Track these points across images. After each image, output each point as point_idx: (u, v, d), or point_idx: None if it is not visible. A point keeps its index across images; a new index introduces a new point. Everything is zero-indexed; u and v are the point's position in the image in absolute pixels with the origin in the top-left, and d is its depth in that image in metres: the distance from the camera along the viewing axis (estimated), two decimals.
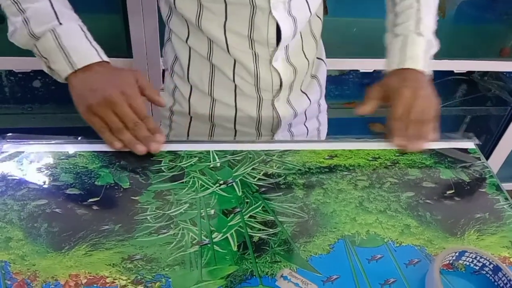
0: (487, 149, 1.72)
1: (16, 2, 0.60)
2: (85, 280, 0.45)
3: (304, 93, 0.77)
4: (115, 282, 0.45)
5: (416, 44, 0.70)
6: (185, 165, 0.59)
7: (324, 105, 0.86)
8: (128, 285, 0.45)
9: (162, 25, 1.16)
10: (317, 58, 0.80)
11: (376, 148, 0.65)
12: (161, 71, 1.25)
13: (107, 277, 0.46)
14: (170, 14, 0.70)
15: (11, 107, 1.46)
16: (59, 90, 1.45)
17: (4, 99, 1.45)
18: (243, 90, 0.71)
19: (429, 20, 0.71)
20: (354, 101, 1.60)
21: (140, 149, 0.59)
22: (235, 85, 0.71)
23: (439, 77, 1.60)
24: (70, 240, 0.49)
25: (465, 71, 1.52)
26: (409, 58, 0.69)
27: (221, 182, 0.58)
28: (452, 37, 1.50)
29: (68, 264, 0.46)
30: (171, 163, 0.60)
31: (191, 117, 0.76)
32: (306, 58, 0.73)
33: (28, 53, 1.22)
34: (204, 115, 0.74)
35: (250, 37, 0.65)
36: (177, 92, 0.75)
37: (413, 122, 0.64)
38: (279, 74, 0.70)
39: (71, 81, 0.60)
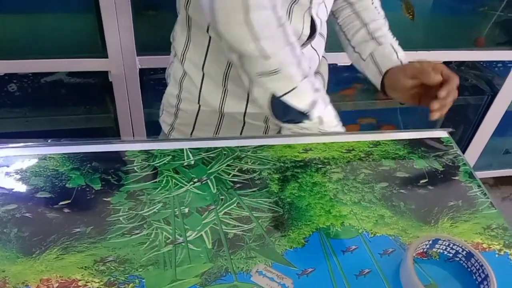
0: (465, 139, 1.74)
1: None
2: (57, 284, 0.44)
3: None
4: (87, 285, 0.45)
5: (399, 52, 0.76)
6: (158, 164, 0.59)
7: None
8: (101, 287, 0.45)
9: (137, 23, 1.15)
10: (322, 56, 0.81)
11: (351, 140, 0.65)
12: (138, 70, 1.23)
13: (79, 280, 0.45)
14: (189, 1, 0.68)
15: None
16: (36, 93, 1.42)
17: None
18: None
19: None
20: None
21: None
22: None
23: None
24: (41, 244, 0.48)
25: (441, 62, 1.54)
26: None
27: (195, 180, 0.57)
28: (429, 28, 1.51)
29: (39, 268, 0.46)
30: (143, 162, 0.59)
31: (199, 106, 0.75)
32: (318, 54, 0.75)
33: (2, 55, 1.20)
34: (214, 105, 0.73)
35: None
36: (186, 80, 0.74)
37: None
38: None
39: None
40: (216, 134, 0.77)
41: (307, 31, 0.68)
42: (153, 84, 1.47)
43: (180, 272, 0.47)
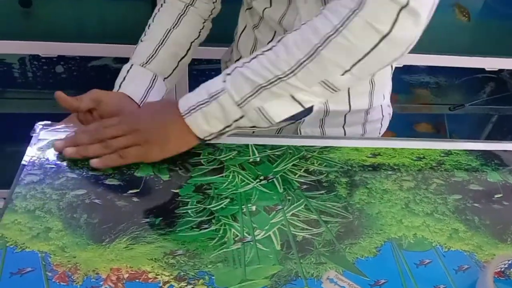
0: None
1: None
2: (127, 275, 0.44)
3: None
4: (157, 278, 0.44)
5: (212, 82, 0.54)
6: (224, 159, 0.58)
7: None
8: (171, 281, 0.44)
9: None
10: None
11: (421, 147, 0.63)
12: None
13: (149, 272, 0.44)
14: None
15: (33, 92, 1.46)
16: (81, 76, 1.44)
17: (27, 83, 1.45)
18: None
19: (258, 72, 0.51)
20: None
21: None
22: None
23: (467, 74, 1.56)
24: (111, 232, 0.47)
25: (496, 69, 1.48)
26: (195, 92, 0.55)
27: (262, 177, 0.56)
28: (480, 34, 1.45)
29: (109, 257, 0.45)
30: (210, 156, 0.58)
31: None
32: None
33: (54, 38, 1.22)
34: None
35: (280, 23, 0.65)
36: (230, 62, 0.78)
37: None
38: None
39: None
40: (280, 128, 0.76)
41: None
42: (197, 75, 1.47)
43: (250, 272, 0.45)
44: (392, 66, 0.75)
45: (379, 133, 0.83)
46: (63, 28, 1.23)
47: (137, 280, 0.44)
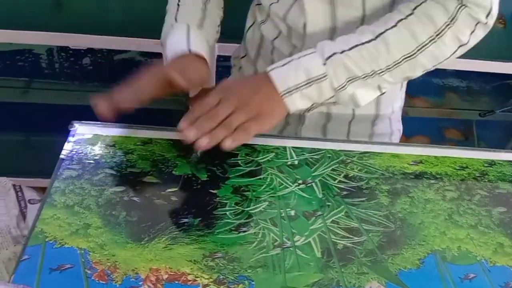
0: None
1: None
2: (166, 276, 0.43)
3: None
4: (197, 280, 0.43)
5: (308, 64, 0.55)
6: (261, 160, 0.57)
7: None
8: (210, 285, 0.43)
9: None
10: None
11: (464, 156, 0.61)
12: (215, 57, 1.22)
13: (189, 274, 0.44)
14: None
15: (59, 83, 1.47)
16: (107, 69, 1.44)
17: (53, 74, 1.46)
18: None
19: (358, 64, 0.55)
20: None
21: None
22: (272, 59, 0.70)
23: (499, 79, 1.52)
24: (150, 231, 0.47)
25: None
26: (285, 69, 0.55)
27: (300, 181, 0.55)
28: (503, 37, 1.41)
29: (148, 257, 0.45)
30: (247, 157, 0.57)
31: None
32: None
33: (84, 30, 1.22)
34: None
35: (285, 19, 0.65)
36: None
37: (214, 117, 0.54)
38: None
39: None
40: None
41: None
42: (222, 72, 1.46)
43: (290, 279, 0.44)
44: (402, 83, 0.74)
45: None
46: (93, 21, 1.23)
47: (176, 282, 0.43)
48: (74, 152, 0.54)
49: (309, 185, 0.55)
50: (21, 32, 1.17)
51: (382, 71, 0.55)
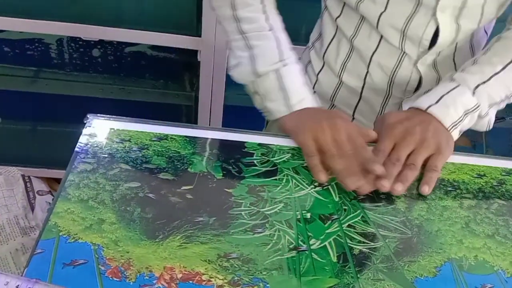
0: None
1: (245, 38, 0.63)
2: (181, 275, 0.43)
3: None
4: (211, 281, 0.43)
5: (462, 98, 0.59)
6: (277, 161, 0.56)
7: None
8: (225, 286, 0.42)
9: None
10: None
11: (481, 164, 0.60)
12: (227, 53, 1.21)
13: (203, 274, 0.43)
14: None
15: (68, 73, 1.47)
16: (116, 61, 1.44)
17: (63, 64, 1.46)
18: (374, 81, 0.68)
19: (497, 91, 0.61)
20: None
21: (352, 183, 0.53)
22: (367, 72, 0.68)
23: None
24: (164, 229, 0.46)
25: None
26: (443, 105, 0.58)
27: (316, 183, 0.54)
28: None
29: (163, 255, 0.44)
30: (263, 157, 0.56)
31: (314, 92, 0.74)
32: (455, 69, 0.67)
33: (96, 21, 1.21)
34: (327, 94, 0.73)
35: (404, 31, 0.62)
36: (309, 66, 0.75)
37: (393, 159, 0.55)
38: (420, 77, 0.66)
39: (285, 119, 0.61)
40: None
41: (427, 37, 0.62)
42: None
43: (305, 283, 0.44)
44: None
45: None
46: (104, 12, 1.22)
47: (190, 282, 0.42)
48: (89, 146, 0.53)
49: (325, 187, 0.54)
50: (32, 21, 1.17)
51: (511, 94, 0.62)
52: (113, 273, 0.42)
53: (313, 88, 0.74)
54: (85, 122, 0.56)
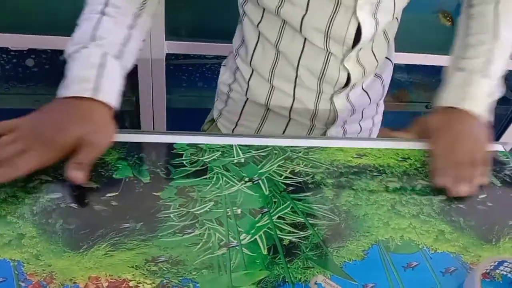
0: None
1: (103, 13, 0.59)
2: (107, 284, 0.42)
3: (366, 91, 0.74)
4: (138, 286, 0.42)
5: (480, 86, 0.65)
6: (207, 160, 0.56)
7: (382, 106, 0.83)
8: None
9: (168, 7, 1.11)
10: (386, 58, 0.76)
11: (406, 147, 0.62)
12: (165, 55, 1.20)
13: (130, 280, 0.42)
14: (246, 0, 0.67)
15: (3, 86, 1.40)
16: (53, 70, 1.39)
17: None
18: (305, 82, 0.69)
19: (500, 63, 0.66)
20: None
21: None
22: (297, 75, 0.69)
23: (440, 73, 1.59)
24: (88, 238, 0.45)
25: None
26: (470, 99, 0.64)
27: (247, 179, 0.54)
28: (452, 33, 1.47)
29: (87, 265, 0.43)
30: (193, 157, 0.56)
31: (247, 98, 0.75)
32: (376, 59, 0.70)
33: (24, 30, 1.16)
34: (260, 99, 0.73)
35: (327, 33, 0.63)
36: (238, 73, 0.74)
37: (453, 163, 0.59)
38: (348, 73, 0.68)
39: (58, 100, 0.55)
40: (260, 126, 0.76)
41: (350, 36, 0.63)
42: (174, 71, 1.44)
43: (236, 278, 0.44)
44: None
45: (370, 132, 0.83)
46: (34, 20, 1.17)
47: None
48: None
49: (255, 182, 0.54)
50: None
51: (509, 58, 0.67)
52: None
53: (245, 95, 0.74)
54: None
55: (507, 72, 0.70)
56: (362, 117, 0.79)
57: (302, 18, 0.62)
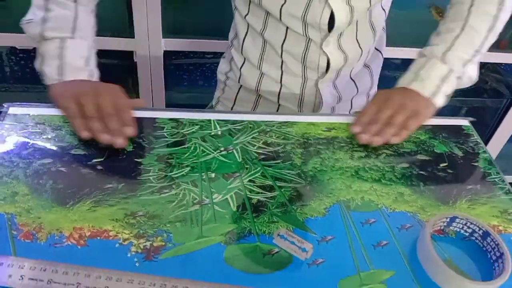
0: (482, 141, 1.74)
1: None
2: (89, 233, 0.47)
3: (353, 80, 0.80)
4: (118, 236, 0.47)
5: (434, 70, 0.67)
6: (187, 132, 0.61)
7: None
8: (130, 239, 0.47)
9: (166, 5, 1.17)
10: (376, 49, 0.81)
11: None
12: (162, 52, 1.26)
13: (110, 230, 0.47)
14: None
15: (10, 87, 1.47)
16: None
17: (3, 78, 1.46)
18: (290, 68, 0.75)
19: (463, 51, 0.68)
20: None
21: (105, 138, 0.56)
22: (282, 62, 0.75)
23: None
24: (75, 196, 0.50)
25: None
26: (419, 80, 0.67)
27: (222, 148, 0.59)
28: None
29: (73, 218, 0.48)
30: (173, 129, 0.61)
31: (240, 85, 0.82)
32: (360, 47, 0.75)
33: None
34: (251, 86, 0.80)
35: (304, 19, 0.68)
36: (233, 62, 0.82)
37: (375, 120, 0.64)
38: (328, 58, 0.73)
39: (54, 86, 0.62)
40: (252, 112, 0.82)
41: (324, 21, 0.68)
42: (174, 69, 1.50)
43: (206, 230, 0.49)
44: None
45: None
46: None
47: (98, 238, 0.47)
48: (3, 131, 0.57)
49: (230, 151, 0.59)
50: None
51: (479, 48, 0.69)
52: (25, 236, 0.46)
53: (238, 81, 0.81)
54: (1, 110, 0.59)
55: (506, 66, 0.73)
56: (351, 107, 0.84)
57: (281, 7, 0.67)
